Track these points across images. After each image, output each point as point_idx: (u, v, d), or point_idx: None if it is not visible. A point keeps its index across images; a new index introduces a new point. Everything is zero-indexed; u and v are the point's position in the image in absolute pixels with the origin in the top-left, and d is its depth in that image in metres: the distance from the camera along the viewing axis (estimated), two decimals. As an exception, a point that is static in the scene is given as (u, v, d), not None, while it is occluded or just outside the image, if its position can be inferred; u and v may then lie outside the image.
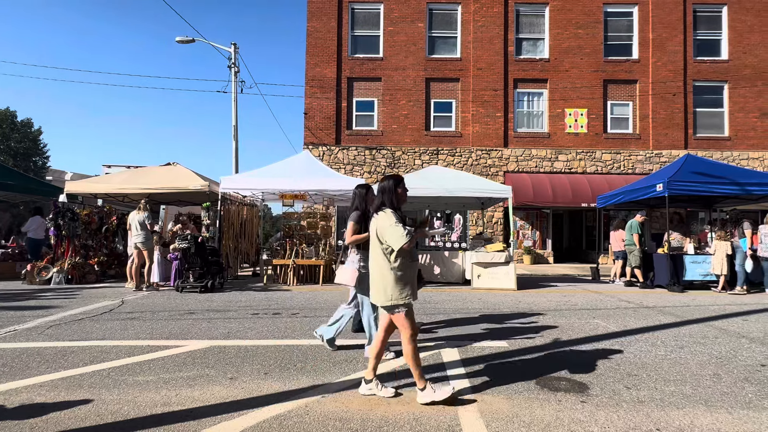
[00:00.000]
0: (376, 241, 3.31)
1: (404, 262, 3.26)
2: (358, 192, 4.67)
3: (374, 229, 3.33)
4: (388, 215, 3.27)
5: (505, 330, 5.66)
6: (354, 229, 4.45)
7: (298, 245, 10.85)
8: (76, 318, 6.21)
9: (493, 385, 3.62)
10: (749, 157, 18.51)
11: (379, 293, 3.27)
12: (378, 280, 3.28)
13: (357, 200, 4.64)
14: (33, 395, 3.33)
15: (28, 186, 13.48)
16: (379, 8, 18.97)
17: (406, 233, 3.15)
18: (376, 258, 3.32)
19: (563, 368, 4.07)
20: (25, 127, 37.51)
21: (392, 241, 3.18)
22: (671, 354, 4.59)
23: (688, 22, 18.76)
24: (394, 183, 3.42)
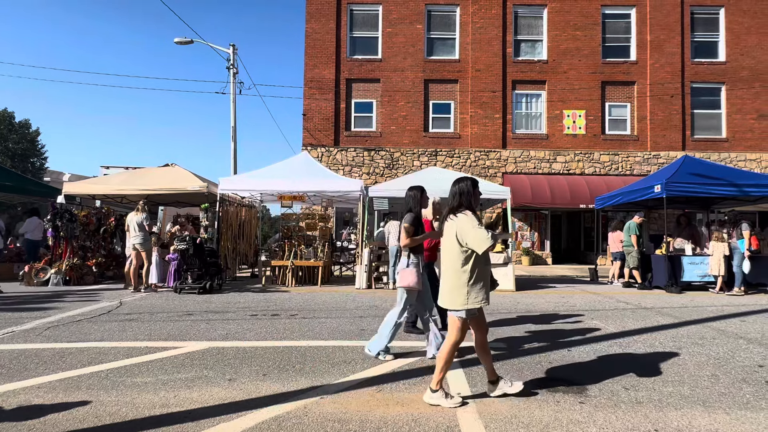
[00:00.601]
0: (454, 244, 3.23)
1: (481, 265, 3.22)
2: (413, 194, 4.60)
3: (452, 232, 3.24)
4: (469, 217, 3.21)
5: (504, 331, 5.67)
6: (409, 231, 4.37)
7: (296, 246, 10.84)
8: (74, 319, 6.20)
9: (492, 386, 3.61)
10: (747, 158, 18.57)
11: (454, 296, 3.21)
12: (453, 284, 3.22)
13: (411, 202, 4.56)
14: (31, 397, 3.33)
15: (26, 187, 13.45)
16: (377, 10, 19.00)
17: (489, 236, 3.11)
18: (452, 261, 3.25)
19: (562, 369, 4.07)
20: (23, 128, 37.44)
21: (475, 244, 3.12)
22: (669, 355, 4.60)
23: (685, 24, 18.83)
24: (472, 184, 3.36)
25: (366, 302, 7.98)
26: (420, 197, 4.60)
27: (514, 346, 4.89)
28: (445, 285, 3.28)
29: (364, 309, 7.24)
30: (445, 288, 3.27)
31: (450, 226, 3.30)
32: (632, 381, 3.76)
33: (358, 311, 7.02)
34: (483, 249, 3.11)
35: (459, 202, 3.32)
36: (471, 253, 3.19)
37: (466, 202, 3.31)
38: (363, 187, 10.58)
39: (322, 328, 5.72)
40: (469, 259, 3.19)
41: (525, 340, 5.18)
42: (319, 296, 8.73)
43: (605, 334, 5.51)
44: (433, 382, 3.22)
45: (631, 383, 3.70)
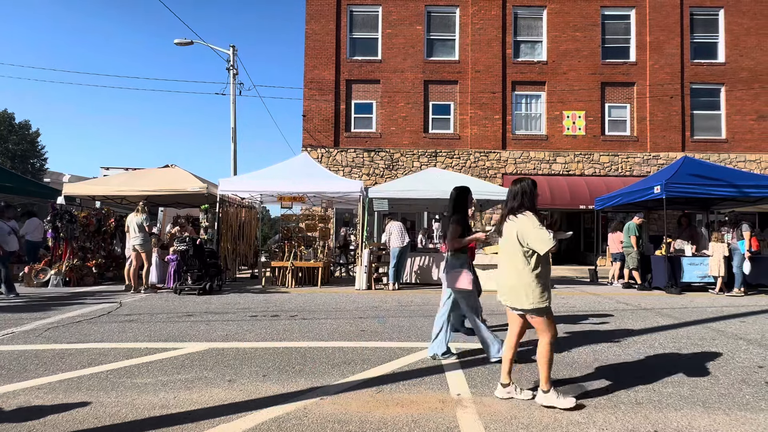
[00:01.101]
0: (516, 245, 3.23)
1: (544, 264, 3.23)
2: (460, 194, 4.57)
3: (513, 232, 3.24)
4: (531, 218, 3.21)
5: (504, 332, 5.66)
6: (457, 232, 4.34)
7: (296, 247, 10.85)
8: (74, 320, 6.20)
9: (492, 386, 3.62)
10: (746, 159, 18.58)
11: (519, 297, 3.21)
12: (517, 285, 3.22)
13: (459, 203, 4.53)
14: (31, 398, 3.33)
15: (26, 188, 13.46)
16: (377, 11, 19.01)
17: (551, 236, 3.12)
18: (514, 261, 3.25)
19: (562, 370, 4.07)
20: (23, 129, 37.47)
21: (538, 245, 3.13)
22: (669, 355, 4.60)
23: (685, 25, 18.85)
24: (533, 185, 3.35)
25: (366, 303, 7.98)
26: (468, 197, 4.56)
27: (514, 347, 4.88)
28: (507, 284, 3.29)
29: (363, 310, 7.24)
30: (507, 287, 3.29)
31: (510, 226, 3.29)
32: (632, 381, 3.76)
33: (357, 312, 7.02)
34: (545, 250, 3.13)
35: (520, 203, 3.31)
36: (533, 253, 3.20)
37: (528, 202, 3.31)
38: (363, 188, 10.59)
39: (321, 329, 5.72)
40: (530, 259, 3.21)
41: (523, 342, 5.17)
42: (319, 297, 8.73)
43: (605, 335, 5.52)
44: (543, 384, 3.20)
45: (631, 383, 3.70)
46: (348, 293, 9.37)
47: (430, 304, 7.87)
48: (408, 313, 7.01)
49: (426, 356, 4.47)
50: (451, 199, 4.60)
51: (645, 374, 3.98)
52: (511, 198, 3.38)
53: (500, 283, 3.40)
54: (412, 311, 7.16)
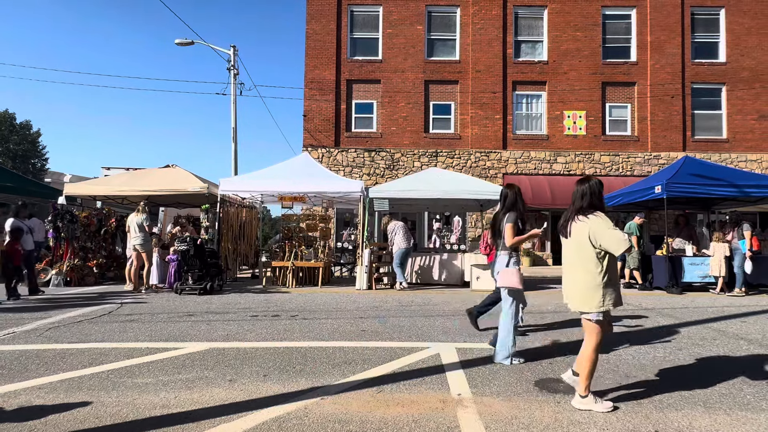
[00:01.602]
0: (586, 245, 3.17)
1: (614, 266, 3.18)
2: (514, 192, 4.52)
3: (583, 232, 3.19)
4: (604, 218, 3.16)
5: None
6: (513, 231, 4.31)
7: (297, 247, 10.85)
8: (75, 320, 6.21)
9: (492, 386, 3.62)
10: (747, 159, 18.56)
11: (587, 299, 3.16)
12: (585, 286, 3.16)
13: (513, 201, 4.49)
14: (32, 397, 3.33)
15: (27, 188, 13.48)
16: (378, 11, 19.02)
17: (626, 238, 3.07)
18: (583, 262, 3.18)
19: (562, 370, 4.07)
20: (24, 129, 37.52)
21: (612, 246, 3.07)
22: (670, 356, 4.60)
23: (686, 24, 18.84)
24: (600, 185, 3.30)
25: (366, 303, 7.98)
26: (521, 195, 4.53)
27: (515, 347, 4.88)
28: (576, 286, 3.23)
29: (364, 310, 7.24)
30: (576, 290, 3.23)
31: (580, 226, 3.22)
32: (633, 381, 3.76)
33: (358, 312, 7.02)
34: (620, 251, 3.07)
35: (589, 203, 3.25)
36: (604, 255, 3.14)
37: (596, 202, 3.26)
38: (363, 188, 10.59)
39: (322, 329, 5.72)
40: (602, 260, 3.15)
41: (525, 341, 5.18)
42: (320, 297, 8.73)
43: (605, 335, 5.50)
44: (581, 389, 3.16)
45: (631, 384, 3.70)
46: (348, 293, 9.37)
47: (430, 304, 7.87)
48: (409, 313, 7.01)
49: (425, 356, 4.47)
50: (503, 198, 4.55)
51: (646, 374, 3.97)
52: (578, 197, 3.30)
53: (568, 285, 3.30)
54: (412, 311, 7.16)
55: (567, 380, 3.38)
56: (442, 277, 11.02)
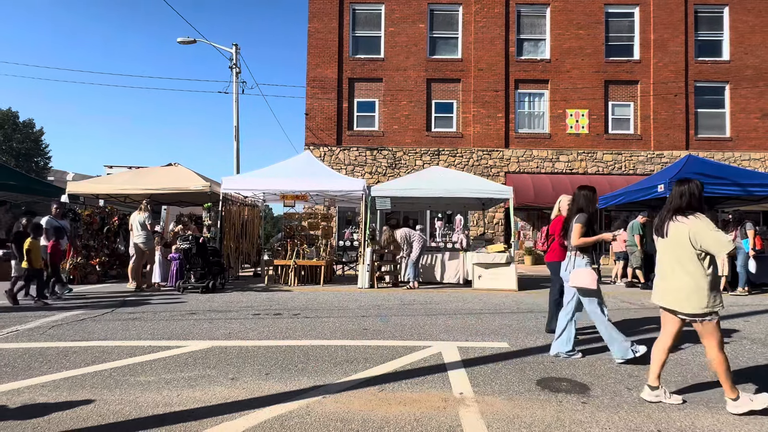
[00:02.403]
0: (686, 246, 3.14)
1: (715, 267, 3.16)
2: (586, 194, 4.46)
3: (683, 233, 3.15)
4: (705, 220, 3.13)
5: (506, 331, 5.66)
6: (581, 231, 4.29)
7: (299, 246, 10.86)
8: (78, 318, 6.23)
9: (494, 385, 3.62)
10: (751, 157, 18.49)
11: (691, 301, 3.12)
12: (689, 288, 3.13)
13: (584, 202, 4.44)
14: (35, 395, 3.35)
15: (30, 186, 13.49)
16: (380, 9, 18.98)
17: (730, 239, 3.05)
18: (683, 264, 3.16)
19: (564, 369, 4.06)
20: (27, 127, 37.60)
21: (716, 247, 3.04)
22: (672, 355, 4.59)
23: (689, 22, 18.75)
24: (701, 186, 3.26)
25: (368, 302, 7.99)
26: (593, 197, 4.48)
27: (517, 346, 4.88)
28: (681, 291, 3.18)
29: (366, 308, 7.25)
30: (681, 293, 3.17)
31: (679, 227, 3.19)
32: (635, 381, 3.75)
33: (360, 311, 7.03)
34: (723, 253, 3.05)
35: (688, 203, 3.21)
36: (705, 256, 3.12)
37: (696, 203, 3.23)
38: (365, 187, 10.58)
39: (324, 328, 5.73)
40: (702, 261, 3.12)
41: (528, 340, 5.17)
42: (322, 296, 8.74)
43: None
44: (729, 392, 3.09)
45: (633, 383, 3.70)
46: (350, 291, 9.38)
47: (432, 303, 7.87)
48: (410, 311, 7.01)
49: (427, 355, 4.47)
50: (575, 199, 4.51)
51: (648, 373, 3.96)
52: (677, 197, 3.26)
53: (663, 286, 3.28)
54: (414, 310, 7.16)
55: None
56: (444, 277, 11.01)
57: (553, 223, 5.40)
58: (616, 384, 3.67)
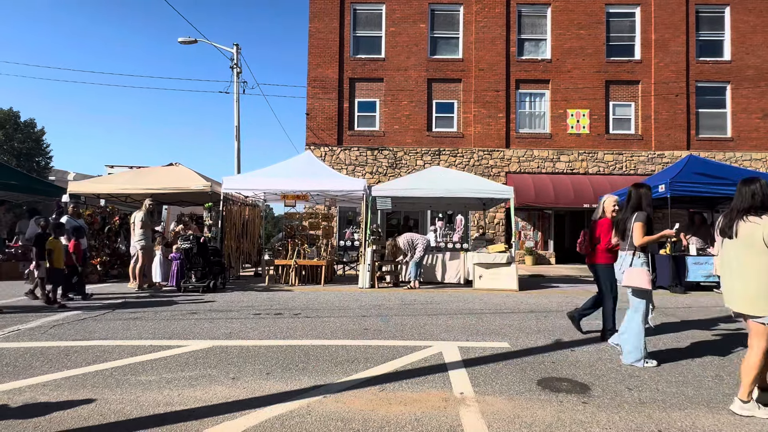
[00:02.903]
0: (760, 247, 3.07)
1: None
2: (644, 192, 4.39)
3: (756, 234, 3.09)
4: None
5: (507, 331, 5.66)
6: (644, 230, 4.22)
7: (299, 245, 10.87)
8: (79, 318, 6.24)
9: (495, 385, 3.62)
10: (752, 158, 18.46)
11: (761, 303, 3.05)
12: (759, 289, 3.06)
13: (644, 200, 4.37)
14: (36, 394, 3.35)
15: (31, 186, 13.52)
16: (381, 9, 18.98)
17: None
18: (756, 265, 3.08)
19: (565, 369, 4.06)
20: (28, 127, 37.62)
21: None
22: (673, 355, 4.58)
23: (690, 22, 18.72)
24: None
25: (369, 301, 7.99)
26: (650, 195, 4.41)
27: (518, 346, 4.88)
28: (748, 291, 3.12)
29: (367, 308, 7.25)
30: (749, 293, 3.11)
31: (751, 227, 3.12)
32: (636, 381, 3.75)
33: (361, 310, 7.03)
34: None
35: (761, 203, 3.15)
36: None
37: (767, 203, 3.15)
38: (366, 187, 10.59)
39: (325, 327, 5.73)
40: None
41: (528, 340, 5.17)
42: (323, 295, 8.74)
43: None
44: (744, 393, 3.08)
45: (634, 383, 3.70)
46: (351, 291, 9.38)
47: (433, 303, 7.87)
48: (411, 311, 7.01)
49: (428, 355, 4.47)
50: (632, 197, 4.44)
51: (648, 374, 3.97)
52: (748, 197, 3.19)
53: (734, 288, 3.21)
54: (415, 310, 7.16)
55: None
56: (444, 276, 11.01)
57: (598, 225, 5.23)
58: (616, 384, 3.67)
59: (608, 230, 5.02)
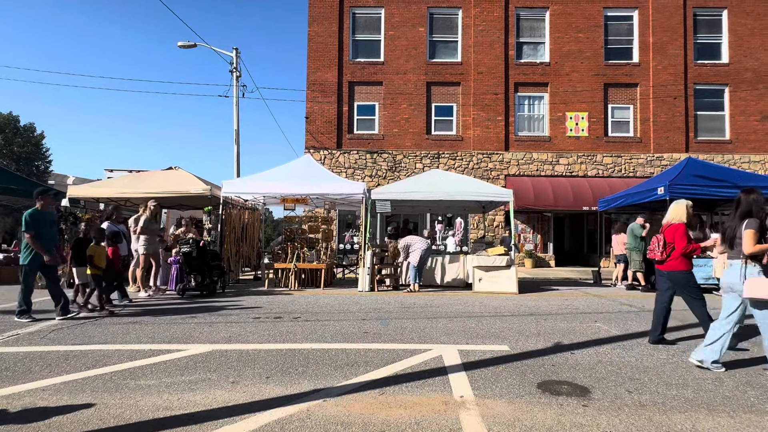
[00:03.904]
0: None
1: None
2: (755, 198, 4.18)
3: None
4: None
5: (507, 334, 5.66)
6: (755, 238, 4.05)
7: (299, 249, 10.86)
8: (79, 322, 6.23)
9: (495, 388, 3.62)
10: (750, 160, 18.51)
11: None
12: None
13: (754, 207, 4.17)
14: (36, 399, 3.34)
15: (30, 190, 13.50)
16: (380, 13, 19.05)
17: None
18: None
19: (565, 372, 4.06)
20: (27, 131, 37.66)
21: None
22: (673, 358, 4.58)
23: (688, 25, 18.81)
24: None
25: (369, 305, 7.98)
26: (763, 201, 4.21)
27: (518, 349, 4.88)
28: None
29: (367, 311, 7.24)
30: None
31: None
32: (636, 384, 3.75)
33: (360, 314, 7.02)
34: None
35: None
36: None
37: None
38: (365, 190, 10.60)
39: (325, 331, 5.72)
40: None
41: (528, 343, 5.17)
42: (322, 299, 8.73)
43: (609, 337, 5.50)
44: None
45: (634, 386, 3.69)
46: (351, 295, 9.37)
47: (432, 306, 7.86)
48: (411, 314, 7.00)
49: (428, 358, 4.46)
50: (742, 203, 4.27)
51: (648, 376, 3.96)
52: None
53: None
54: (414, 313, 7.16)
55: None
56: (444, 279, 11.01)
57: (670, 231, 5.14)
58: (616, 387, 3.67)
59: (683, 235, 4.97)
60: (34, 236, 6.25)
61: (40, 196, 6.47)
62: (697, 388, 3.66)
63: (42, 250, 6.28)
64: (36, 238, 6.26)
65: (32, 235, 6.24)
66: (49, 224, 6.53)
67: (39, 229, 6.31)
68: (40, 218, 6.35)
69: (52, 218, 6.70)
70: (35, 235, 6.26)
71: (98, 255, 7.21)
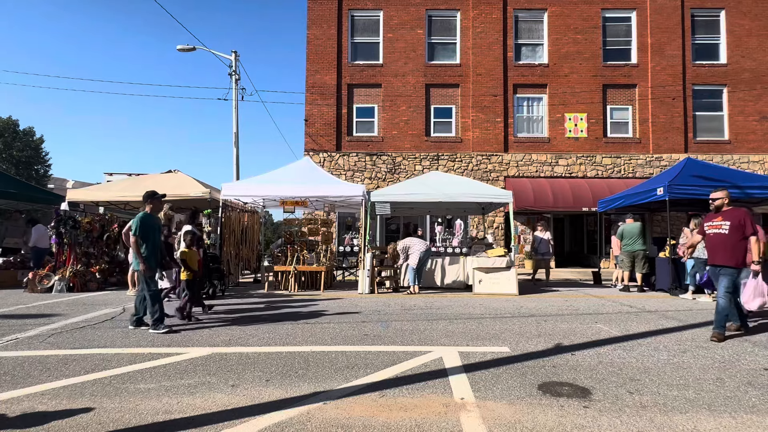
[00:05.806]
0: None
1: None
2: None
3: None
4: None
5: (507, 335, 5.65)
6: None
7: (299, 251, 10.86)
8: (78, 326, 6.21)
9: (496, 390, 3.61)
10: (749, 160, 18.52)
11: None
12: None
13: None
14: (35, 403, 3.33)
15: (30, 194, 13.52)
16: (378, 15, 19.09)
17: None
18: None
19: (565, 373, 4.05)
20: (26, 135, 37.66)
21: None
22: (674, 358, 4.57)
23: (686, 26, 18.85)
24: None
25: (369, 307, 7.97)
26: None
27: (518, 350, 4.87)
28: None
29: (366, 314, 7.23)
30: None
31: None
32: (637, 385, 3.74)
33: (360, 316, 7.01)
34: None
35: None
36: None
37: None
38: (365, 192, 10.60)
39: (324, 333, 5.71)
40: None
41: (529, 344, 5.16)
42: (322, 302, 8.72)
43: (609, 338, 5.49)
44: None
45: (635, 387, 3.68)
46: (351, 297, 9.36)
47: (432, 308, 7.85)
48: (411, 316, 6.99)
49: (428, 360, 4.45)
50: None
51: (649, 377, 3.95)
52: None
53: None
54: (415, 315, 7.15)
55: None
56: (444, 281, 11.00)
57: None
58: (617, 388, 3.66)
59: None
60: (138, 241, 5.82)
61: (149, 200, 6.09)
62: (698, 389, 3.65)
63: (141, 259, 5.82)
64: (142, 243, 5.84)
65: (136, 239, 5.81)
66: (158, 230, 6.13)
67: (146, 233, 5.89)
68: (149, 223, 5.95)
69: (160, 224, 6.32)
70: (141, 240, 5.84)
71: (191, 258, 6.91)
